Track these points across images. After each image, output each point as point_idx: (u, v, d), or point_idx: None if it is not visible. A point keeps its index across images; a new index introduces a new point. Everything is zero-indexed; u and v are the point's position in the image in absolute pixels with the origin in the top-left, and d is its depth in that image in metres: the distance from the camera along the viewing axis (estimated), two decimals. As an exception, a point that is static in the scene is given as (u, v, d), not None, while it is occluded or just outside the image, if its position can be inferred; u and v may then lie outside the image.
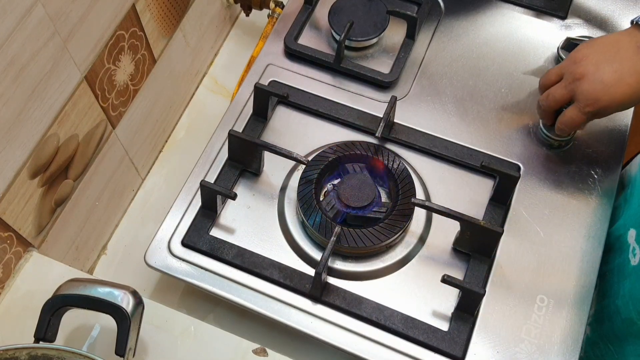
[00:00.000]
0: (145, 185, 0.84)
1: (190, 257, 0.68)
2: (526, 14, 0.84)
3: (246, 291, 0.66)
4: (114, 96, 0.70)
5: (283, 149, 0.69)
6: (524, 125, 0.76)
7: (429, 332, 0.63)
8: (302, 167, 0.71)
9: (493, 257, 0.67)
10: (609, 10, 0.84)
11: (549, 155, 0.74)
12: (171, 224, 0.70)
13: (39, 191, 0.63)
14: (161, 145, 0.87)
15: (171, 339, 0.62)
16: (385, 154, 0.71)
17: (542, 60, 0.80)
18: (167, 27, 0.77)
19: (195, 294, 0.74)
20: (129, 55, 0.70)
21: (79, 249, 0.74)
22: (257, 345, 0.62)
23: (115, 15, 0.65)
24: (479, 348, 0.63)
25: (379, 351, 0.63)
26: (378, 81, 0.78)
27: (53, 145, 0.62)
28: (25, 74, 0.55)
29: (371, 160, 0.71)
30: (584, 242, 0.69)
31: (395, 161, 0.70)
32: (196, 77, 0.91)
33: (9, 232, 0.61)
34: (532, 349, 0.63)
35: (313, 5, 0.84)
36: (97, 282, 0.56)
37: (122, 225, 0.81)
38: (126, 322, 0.54)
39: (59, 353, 0.53)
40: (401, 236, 0.68)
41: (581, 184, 0.72)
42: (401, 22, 0.81)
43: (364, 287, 0.66)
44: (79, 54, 0.62)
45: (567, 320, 0.64)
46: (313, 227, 0.66)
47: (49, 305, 0.55)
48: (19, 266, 0.65)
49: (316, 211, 0.67)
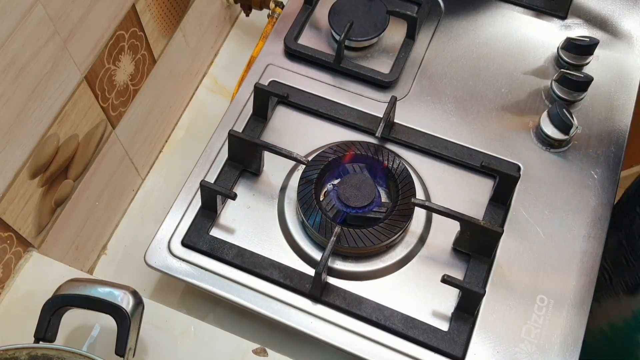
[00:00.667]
0: (145, 185, 0.84)
1: (190, 257, 0.68)
2: (526, 14, 0.84)
3: (246, 291, 0.66)
4: (114, 96, 0.70)
5: (283, 149, 0.69)
6: (524, 125, 0.76)
7: (429, 332, 0.63)
8: (302, 167, 0.71)
9: (493, 257, 0.67)
10: (609, 10, 0.84)
11: (549, 155, 0.74)
12: (171, 224, 0.70)
13: (39, 191, 0.63)
14: (161, 145, 0.87)
15: (171, 339, 0.62)
16: (385, 154, 0.71)
17: (542, 60, 0.80)
18: (167, 27, 0.77)
19: (195, 294, 0.74)
20: (129, 55, 0.70)
21: (79, 249, 0.74)
22: (257, 345, 0.62)
23: (115, 16, 0.65)
24: (479, 348, 0.63)
25: (379, 351, 0.63)
26: (378, 81, 0.78)
27: (53, 145, 0.62)
28: (25, 74, 0.55)
29: (371, 160, 0.71)
30: (584, 242, 0.69)
31: (395, 161, 0.70)
32: (196, 77, 0.91)
33: (9, 232, 0.61)
34: (532, 349, 0.63)
35: (313, 5, 0.84)
36: (97, 282, 0.56)
37: (122, 225, 0.81)
38: (126, 322, 0.54)
39: (59, 353, 0.53)
40: (401, 236, 0.68)
41: (581, 184, 0.72)
42: (401, 22, 0.81)
43: (364, 287, 0.66)
44: (79, 54, 0.62)
45: (567, 320, 0.64)
46: (313, 227, 0.66)
47: (49, 305, 0.55)
48: (19, 266, 0.65)
49: (316, 211, 0.67)
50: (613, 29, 0.83)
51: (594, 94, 0.78)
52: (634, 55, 0.81)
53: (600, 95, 0.78)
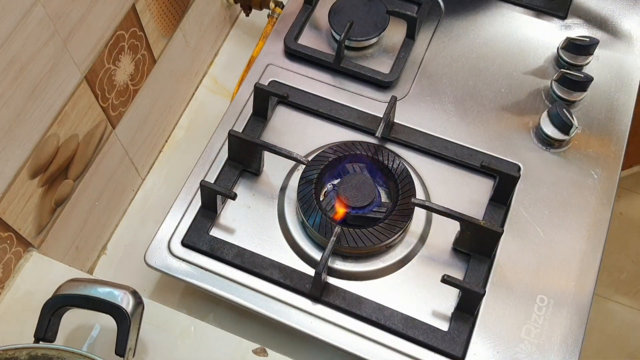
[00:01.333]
0: (145, 185, 0.84)
1: (190, 257, 0.68)
2: (526, 14, 0.84)
3: (246, 291, 0.66)
4: (114, 96, 0.70)
5: (283, 149, 0.69)
6: (524, 125, 0.76)
7: (429, 332, 0.63)
8: (302, 167, 0.71)
9: (493, 257, 0.67)
10: (609, 10, 0.84)
11: (549, 155, 0.74)
12: (171, 224, 0.70)
13: (39, 191, 0.63)
14: (161, 145, 0.87)
15: (171, 339, 0.62)
16: (385, 153, 0.71)
17: (542, 60, 0.80)
18: (167, 27, 0.77)
19: (195, 294, 0.74)
20: (129, 55, 0.70)
21: (79, 249, 0.74)
22: (257, 345, 0.62)
23: (115, 15, 0.65)
24: (479, 348, 0.63)
25: (379, 351, 0.63)
26: (378, 81, 0.78)
27: (53, 145, 0.62)
28: (25, 73, 0.55)
29: (371, 160, 0.71)
30: (584, 242, 0.69)
31: (395, 161, 0.70)
32: (196, 77, 0.91)
33: (9, 232, 0.61)
34: (532, 349, 0.63)
35: (313, 5, 0.84)
36: (97, 282, 0.56)
37: (122, 225, 0.81)
38: (126, 322, 0.54)
39: (59, 353, 0.53)
40: (401, 236, 0.68)
41: (581, 184, 0.72)
42: (401, 22, 0.81)
43: (364, 287, 0.66)
44: (79, 54, 0.62)
45: (567, 320, 0.64)
46: (313, 227, 0.66)
47: (48, 305, 0.55)
48: (19, 266, 0.64)
49: (316, 211, 0.67)
50: (613, 29, 0.83)
51: (594, 94, 0.78)
52: (634, 55, 0.81)
53: (600, 95, 0.78)
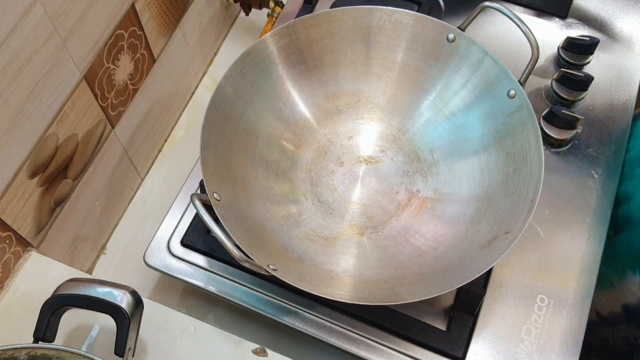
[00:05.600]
0: (144, 185, 0.84)
1: (190, 257, 0.68)
2: (526, 14, 0.84)
3: (246, 291, 0.66)
4: (113, 95, 0.70)
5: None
6: (524, 125, 0.76)
7: (429, 332, 0.63)
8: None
9: (493, 257, 0.67)
10: (609, 10, 0.84)
11: (549, 155, 0.74)
12: (170, 224, 0.70)
13: (38, 191, 0.63)
14: (160, 145, 0.86)
15: (171, 339, 0.62)
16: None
17: (542, 60, 0.80)
18: (167, 27, 0.77)
19: (195, 294, 0.74)
20: (128, 55, 0.70)
21: (78, 249, 0.74)
22: (257, 345, 0.62)
23: (115, 15, 0.65)
24: (479, 348, 0.63)
25: (379, 351, 0.63)
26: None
27: (52, 145, 0.62)
28: (24, 73, 0.55)
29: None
30: (584, 242, 0.69)
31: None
32: (196, 76, 0.90)
33: (8, 232, 0.61)
34: (532, 349, 0.63)
35: (313, 4, 0.84)
36: (97, 282, 0.56)
37: (121, 225, 0.81)
38: (125, 322, 0.54)
39: (58, 353, 0.53)
40: (401, 236, 0.68)
41: (581, 184, 0.72)
42: (401, 21, 0.81)
43: (364, 287, 0.66)
44: (78, 53, 0.61)
45: (567, 320, 0.64)
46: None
47: (48, 305, 0.55)
48: (18, 266, 0.64)
49: (316, 211, 0.67)
50: (613, 29, 0.83)
51: (594, 94, 0.78)
52: (635, 55, 0.81)
53: (600, 94, 0.78)
